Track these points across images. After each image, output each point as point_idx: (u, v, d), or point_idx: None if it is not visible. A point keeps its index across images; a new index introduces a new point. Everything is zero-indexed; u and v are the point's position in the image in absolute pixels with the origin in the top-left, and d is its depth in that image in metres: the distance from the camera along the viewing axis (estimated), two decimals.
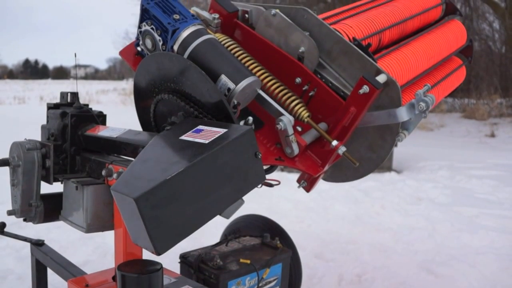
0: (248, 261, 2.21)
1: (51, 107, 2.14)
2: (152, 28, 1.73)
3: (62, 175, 2.01)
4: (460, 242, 4.03)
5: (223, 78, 1.61)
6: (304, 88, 1.84)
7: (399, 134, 1.87)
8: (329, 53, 1.84)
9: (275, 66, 1.87)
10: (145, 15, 1.75)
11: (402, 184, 6.25)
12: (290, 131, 1.73)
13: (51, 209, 2.04)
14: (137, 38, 1.85)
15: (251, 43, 1.90)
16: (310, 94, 1.83)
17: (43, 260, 2.21)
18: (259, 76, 1.83)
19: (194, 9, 1.89)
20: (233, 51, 1.88)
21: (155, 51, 1.74)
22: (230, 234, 2.66)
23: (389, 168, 7.27)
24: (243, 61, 1.87)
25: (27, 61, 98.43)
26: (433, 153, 8.57)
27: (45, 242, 2.30)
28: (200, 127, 1.45)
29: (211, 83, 1.51)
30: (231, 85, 1.60)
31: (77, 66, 3.13)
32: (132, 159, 1.77)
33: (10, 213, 2.04)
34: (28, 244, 2.31)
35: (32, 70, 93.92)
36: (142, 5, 1.75)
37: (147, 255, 1.83)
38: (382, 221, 4.61)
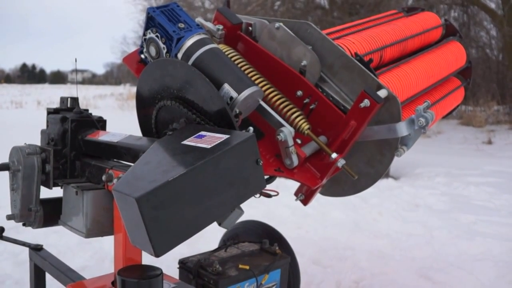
0: (247, 267, 2.21)
1: (51, 112, 2.14)
2: (157, 36, 1.74)
3: (62, 180, 2.01)
4: (457, 249, 4.03)
5: (226, 86, 1.62)
6: (305, 101, 1.85)
7: (398, 149, 1.89)
8: (330, 67, 1.85)
9: (277, 79, 1.88)
10: (150, 22, 1.76)
11: (399, 191, 6.26)
12: (290, 142, 1.74)
13: (50, 214, 2.04)
14: (141, 46, 1.86)
15: (254, 55, 1.92)
16: (311, 107, 1.85)
17: (42, 265, 2.21)
18: (261, 87, 1.83)
19: (198, 20, 1.91)
20: (236, 62, 1.89)
21: (159, 57, 1.76)
22: (229, 240, 2.66)
23: (386, 175, 7.27)
24: (246, 71, 1.88)
25: (24, 66, 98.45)
26: (431, 160, 8.58)
27: (43, 247, 2.30)
28: (202, 132, 1.46)
29: (215, 90, 1.52)
30: (233, 94, 1.61)
31: (76, 71, 3.13)
32: (132, 164, 1.78)
33: (9, 217, 2.03)
34: (26, 249, 2.31)
35: (30, 75, 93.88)
36: (148, 13, 1.76)
37: (146, 261, 1.83)
38: (380, 227, 4.61)
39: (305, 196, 2.12)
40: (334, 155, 1.77)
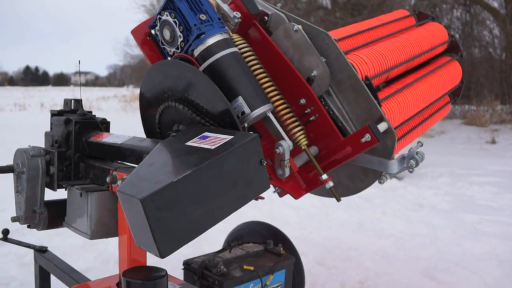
0: (252, 268, 2.21)
1: (55, 114, 2.15)
2: (174, 22, 1.67)
3: (66, 181, 2.01)
4: (462, 248, 4.03)
5: (240, 100, 1.62)
6: (306, 111, 1.84)
7: (382, 177, 1.96)
8: (339, 83, 1.84)
9: (282, 80, 1.85)
10: (169, 4, 1.68)
11: (403, 191, 6.25)
12: (287, 156, 1.75)
13: (55, 216, 2.05)
14: (154, 22, 1.77)
15: (265, 49, 1.86)
16: (310, 118, 1.84)
17: (47, 266, 2.21)
18: (271, 97, 1.82)
19: (216, 0, 1.80)
20: (249, 63, 1.83)
21: (173, 43, 1.70)
22: (233, 240, 2.66)
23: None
24: (260, 79, 1.83)
25: (27, 68, 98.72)
26: (434, 160, 8.56)
27: (48, 249, 2.31)
28: (206, 133, 1.46)
29: (218, 91, 1.52)
30: (246, 109, 1.62)
31: (79, 73, 3.14)
32: (136, 165, 1.78)
33: (14, 219, 2.04)
34: (30, 251, 2.31)
35: (33, 77, 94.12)
36: None
37: (150, 262, 1.83)
38: (384, 227, 4.61)
39: (281, 190, 2.13)
40: (324, 177, 1.82)
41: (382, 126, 1.75)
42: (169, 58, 1.76)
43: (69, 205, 2.00)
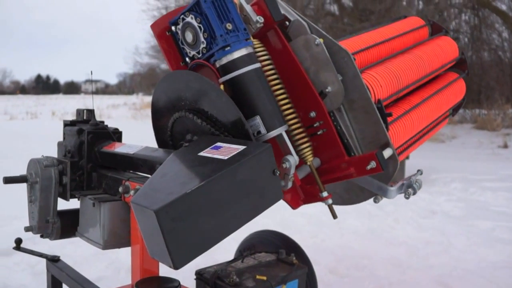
0: (265, 278, 2.19)
1: (67, 124, 2.16)
2: (199, 27, 1.64)
3: (78, 191, 2.02)
4: (476, 256, 3.98)
5: (258, 119, 1.62)
6: (315, 125, 1.82)
7: (377, 196, 1.96)
8: (351, 102, 1.83)
9: (295, 88, 1.83)
10: (196, 7, 1.64)
11: (415, 197, 6.19)
12: (292, 171, 1.73)
13: (67, 226, 2.05)
14: (176, 20, 1.74)
15: (282, 56, 1.83)
16: (318, 132, 1.82)
17: (59, 276, 2.21)
18: (286, 116, 1.80)
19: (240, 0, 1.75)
20: (270, 81, 1.80)
21: (194, 46, 1.69)
22: (245, 250, 2.64)
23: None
24: (277, 96, 1.81)
25: (39, 77, 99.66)
26: (446, 165, 8.50)
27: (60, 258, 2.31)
28: (219, 144, 1.46)
29: (230, 101, 1.52)
30: (262, 129, 1.62)
31: (89, 82, 3.15)
32: (149, 176, 1.78)
33: (27, 229, 2.05)
34: (43, 260, 2.32)
35: (44, 85, 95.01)
36: (198, 0, 1.63)
37: (163, 272, 1.83)
38: (396, 235, 4.57)
39: None
40: (325, 194, 1.84)
41: (387, 152, 1.76)
42: (187, 59, 1.75)
43: (81, 215, 2.00)
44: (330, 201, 1.86)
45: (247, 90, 1.62)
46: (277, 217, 4.80)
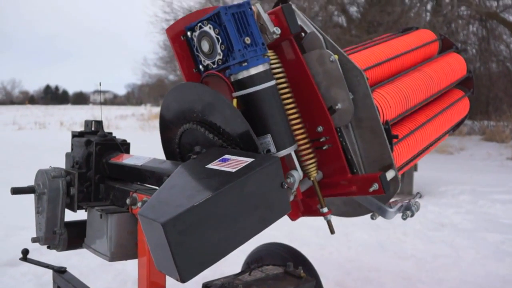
0: None
1: (75, 135, 2.16)
2: (217, 38, 1.61)
3: (86, 203, 2.02)
4: (486, 270, 3.93)
5: (269, 138, 1.62)
6: (321, 139, 1.81)
7: (374, 213, 1.97)
8: (359, 120, 1.82)
9: (305, 101, 1.81)
10: (215, 18, 1.61)
11: (423, 210, 6.14)
12: (296, 186, 1.73)
13: (74, 237, 2.05)
14: (193, 27, 1.70)
15: (295, 67, 1.80)
16: (324, 147, 1.80)
17: (65, 287, 2.20)
18: (297, 135, 1.79)
19: (257, 7, 1.70)
20: (283, 99, 1.78)
21: (209, 56, 1.66)
22: (252, 262, 2.63)
23: (409, 193, 7.17)
24: (289, 114, 1.79)
25: (48, 87, 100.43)
26: (454, 177, 8.44)
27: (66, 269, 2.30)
28: (227, 156, 1.46)
29: (238, 113, 1.52)
30: (272, 148, 1.61)
31: (98, 92, 3.16)
32: (157, 187, 1.78)
33: (34, 240, 2.04)
34: (49, 271, 2.31)
35: (53, 96, 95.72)
36: (218, 10, 1.59)
37: (169, 284, 1.81)
38: (405, 248, 4.53)
39: None
40: (325, 210, 1.82)
41: (390, 174, 1.75)
42: (201, 67, 1.73)
43: (89, 226, 2.00)
44: (330, 216, 1.85)
45: (260, 108, 1.61)
46: (284, 230, 4.77)
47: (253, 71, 1.60)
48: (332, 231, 1.89)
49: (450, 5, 14.30)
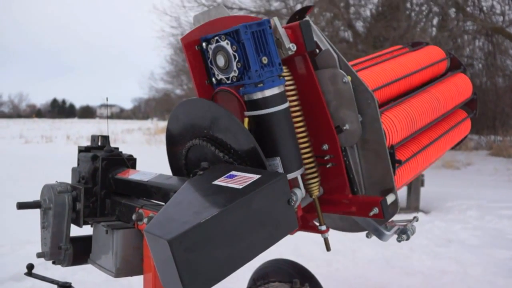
0: None
1: (82, 150, 2.16)
2: (234, 55, 1.57)
3: (92, 218, 2.01)
4: (494, 286, 3.89)
5: (277, 160, 1.61)
6: (325, 157, 1.79)
7: (371, 233, 1.99)
8: (365, 142, 1.81)
9: (312, 117, 1.80)
10: (234, 35, 1.57)
11: (430, 225, 6.11)
12: (297, 204, 1.72)
13: (80, 252, 2.04)
14: (208, 39, 1.67)
15: (306, 83, 1.77)
16: (327, 165, 1.79)
17: None
18: (304, 155, 1.78)
19: (275, 21, 1.66)
20: (294, 120, 1.76)
21: (224, 71, 1.62)
22: (258, 279, 2.61)
23: (416, 209, 7.13)
24: (299, 137, 1.78)
25: (55, 101, 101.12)
26: (461, 193, 8.39)
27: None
28: (233, 172, 1.45)
29: (245, 129, 1.51)
30: (280, 170, 1.60)
31: (103, 106, 3.17)
32: (163, 203, 1.77)
33: (39, 255, 2.04)
34: (54, 286, 2.30)
35: (60, 109, 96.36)
36: (238, 28, 1.55)
37: None
38: (412, 264, 4.49)
39: None
40: (323, 228, 1.81)
41: (390, 198, 1.74)
42: (213, 80, 1.70)
43: (94, 241, 1.99)
44: (327, 234, 1.83)
45: (272, 130, 1.60)
46: (290, 245, 4.75)
47: (268, 93, 1.58)
48: (328, 249, 1.87)
49: (456, 20, 14.35)
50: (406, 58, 2.40)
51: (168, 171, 1.93)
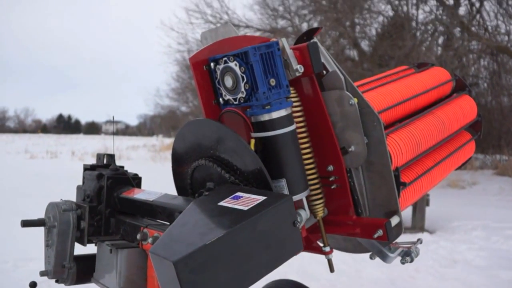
0: None
1: (87, 168, 2.17)
2: (242, 76, 1.57)
3: (96, 237, 2.01)
4: None
5: (283, 182, 1.60)
6: (330, 178, 1.79)
7: (374, 255, 1.98)
8: (370, 164, 1.81)
9: (318, 138, 1.79)
10: (242, 56, 1.56)
11: (436, 246, 6.06)
12: (301, 225, 1.70)
13: (83, 271, 2.03)
14: (216, 59, 1.66)
15: (312, 103, 1.77)
16: (332, 186, 1.79)
17: None
18: (309, 176, 1.77)
19: (283, 41, 1.65)
20: (300, 141, 1.76)
21: (231, 92, 1.62)
22: None
23: (421, 229, 7.08)
24: (305, 159, 1.77)
25: (60, 116, 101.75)
26: (467, 212, 8.34)
27: None
28: (239, 193, 1.45)
29: (251, 151, 1.52)
30: (286, 192, 1.60)
31: (109, 122, 3.18)
32: (167, 223, 1.77)
33: (42, 273, 2.03)
34: None
35: (65, 125, 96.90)
36: (246, 50, 1.55)
37: None
38: (417, 285, 4.45)
39: None
40: (327, 249, 1.80)
41: (394, 220, 1.74)
42: (221, 100, 1.69)
43: (98, 260, 1.98)
44: (331, 256, 1.81)
45: (278, 152, 1.60)
46: (295, 265, 4.72)
47: (275, 115, 1.58)
48: (331, 270, 1.86)
49: (461, 39, 14.41)
50: (411, 80, 2.40)
51: (172, 189, 1.93)
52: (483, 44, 14.05)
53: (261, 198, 1.38)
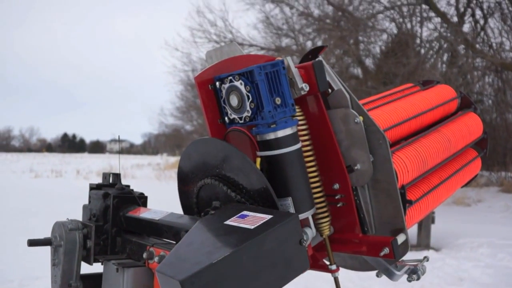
0: None
1: (93, 187, 2.18)
2: (247, 95, 1.57)
3: (102, 256, 2.01)
4: None
5: (289, 201, 1.61)
6: (336, 197, 1.78)
7: (381, 273, 1.96)
8: (376, 182, 1.81)
9: (324, 157, 1.79)
10: (247, 75, 1.56)
11: (441, 263, 6.02)
12: (307, 243, 1.71)
13: None
14: (222, 79, 1.66)
15: (317, 122, 1.77)
16: (338, 204, 1.78)
17: None
18: (315, 194, 1.78)
19: (288, 60, 1.66)
20: (306, 159, 1.75)
21: (237, 111, 1.62)
22: None
23: (427, 246, 7.04)
24: (311, 178, 1.77)
25: (65, 135, 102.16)
26: (472, 230, 8.29)
27: None
28: (245, 212, 1.46)
29: (257, 169, 1.53)
30: (291, 210, 1.60)
31: (113, 141, 3.21)
32: (174, 242, 1.78)
33: None
34: None
35: (70, 144, 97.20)
36: (252, 69, 1.56)
37: None
38: None
39: None
40: (333, 267, 1.79)
41: (400, 238, 1.74)
42: (226, 119, 1.70)
43: (104, 280, 1.98)
44: (337, 274, 1.80)
45: (284, 170, 1.60)
46: (301, 283, 4.69)
47: (281, 133, 1.59)
48: (338, 287, 1.86)
49: (465, 56, 14.45)
50: (417, 97, 2.41)
51: (177, 207, 1.94)
52: (488, 61, 14.08)
53: (267, 217, 1.39)
